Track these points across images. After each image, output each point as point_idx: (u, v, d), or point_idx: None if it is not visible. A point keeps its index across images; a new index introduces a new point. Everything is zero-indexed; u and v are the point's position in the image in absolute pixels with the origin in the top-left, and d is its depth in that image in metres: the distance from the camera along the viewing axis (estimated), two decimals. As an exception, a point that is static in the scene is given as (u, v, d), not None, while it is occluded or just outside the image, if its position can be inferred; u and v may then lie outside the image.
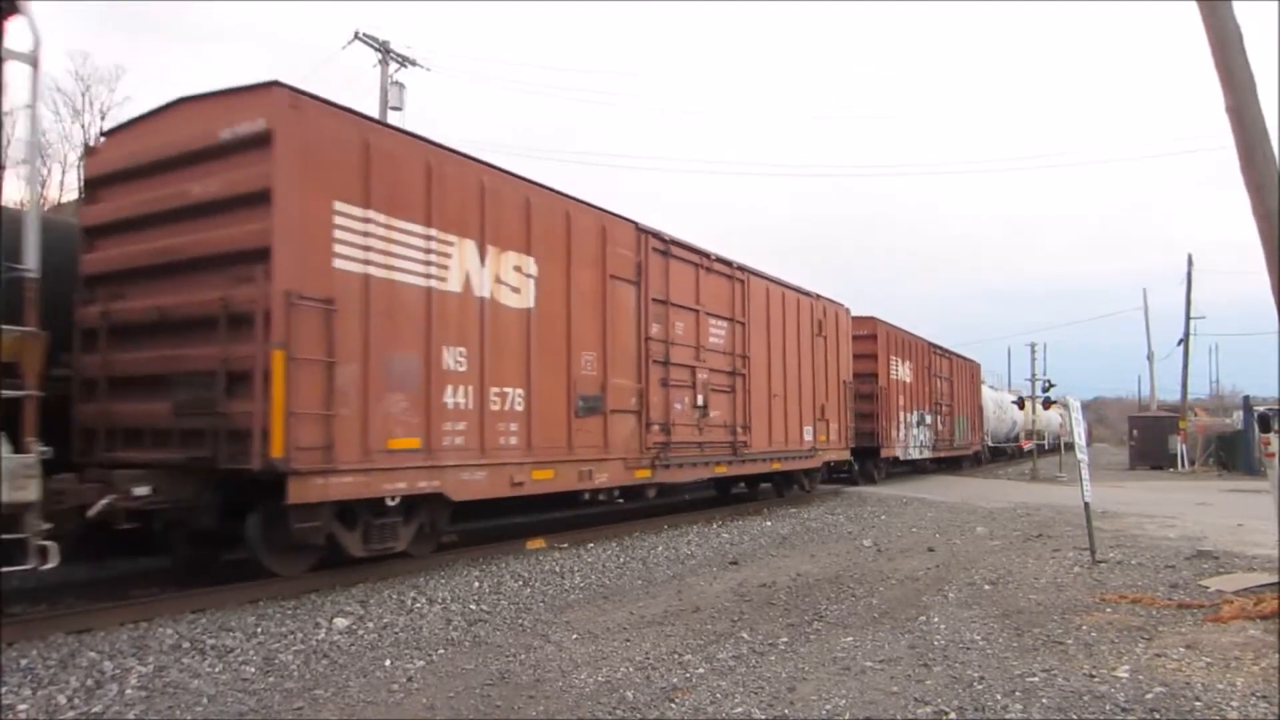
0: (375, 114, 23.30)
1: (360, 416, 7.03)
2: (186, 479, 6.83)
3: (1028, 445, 36.90)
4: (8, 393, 5.10)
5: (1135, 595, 7.06)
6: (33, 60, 5.49)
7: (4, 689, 4.65)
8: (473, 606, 6.96)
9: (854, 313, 18.36)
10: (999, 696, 4.57)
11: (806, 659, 5.37)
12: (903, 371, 21.58)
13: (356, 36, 23.00)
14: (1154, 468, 32.70)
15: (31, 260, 5.36)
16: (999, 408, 35.01)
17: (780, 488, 16.53)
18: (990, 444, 34.21)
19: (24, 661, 5.07)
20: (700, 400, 11.96)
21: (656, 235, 11.18)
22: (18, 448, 5.10)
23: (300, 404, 6.52)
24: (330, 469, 6.74)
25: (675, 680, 4.96)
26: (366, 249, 7.20)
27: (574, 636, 6.06)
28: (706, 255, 12.32)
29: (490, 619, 6.63)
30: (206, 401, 6.70)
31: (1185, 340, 37.81)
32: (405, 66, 23.77)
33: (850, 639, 5.85)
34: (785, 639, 5.89)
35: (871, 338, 19.79)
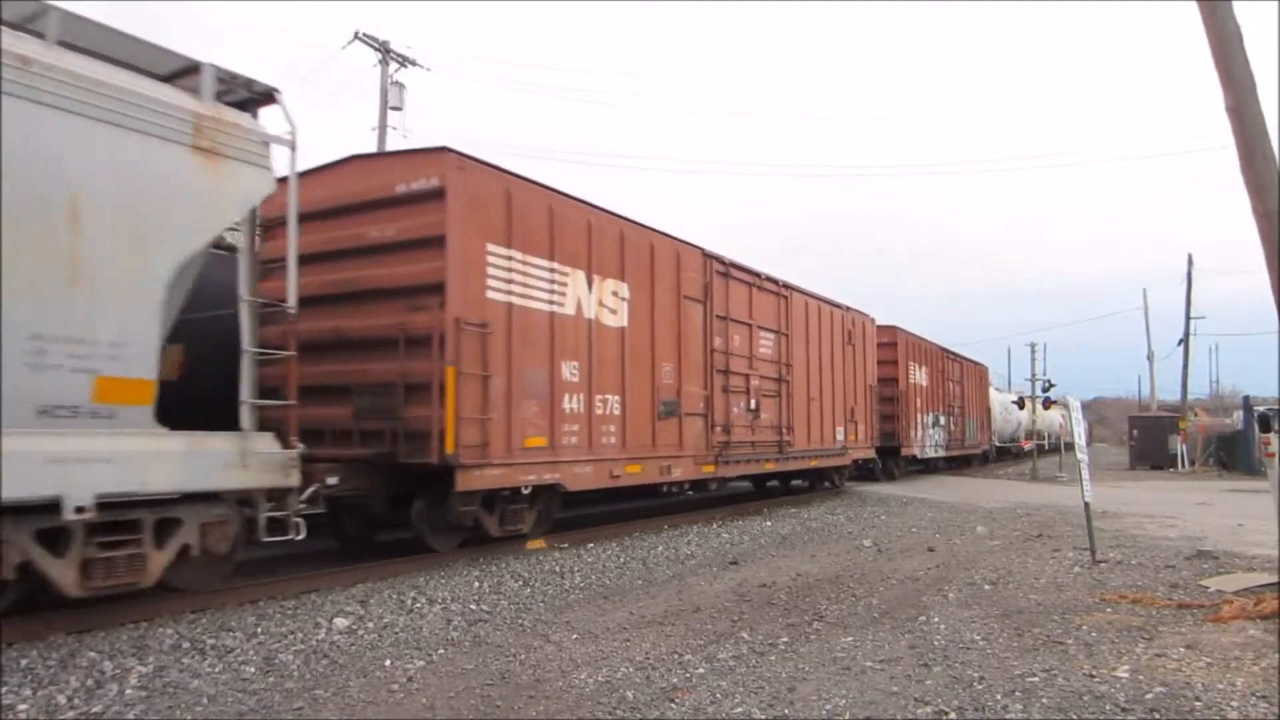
0: (375, 114, 23.38)
1: (505, 420, 8.67)
2: (362, 471, 8.18)
3: (1028, 445, 36.95)
4: (276, 402, 6.74)
5: (1135, 595, 7.05)
6: (291, 144, 6.86)
7: (4, 689, 4.65)
8: (473, 606, 6.96)
9: (876, 321, 19.66)
10: (999, 696, 4.57)
11: (806, 659, 5.37)
12: (919, 376, 23.33)
13: (356, 36, 23.01)
14: (1154, 468, 32.70)
15: (291, 299, 6.87)
16: (1004, 409, 35.64)
17: (814, 483, 17.97)
18: (997, 443, 35.55)
19: (24, 661, 5.07)
20: (753, 404, 13.53)
21: (719, 260, 12.81)
22: (284, 445, 6.66)
23: (465, 410, 8.12)
24: (485, 463, 8.38)
25: (675, 680, 4.96)
26: (509, 281, 8.81)
27: (574, 636, 6.06)
28: (758, 275, 13.94)
29: (490, 619, 6.63)
30: (387, 407, 8.27)
31: (1185, 340, 37.84)
32: (405, 66, 23.80)
33: (850, 639, 5.85)
34: (785, 639, 5.89)
35: (892, 345, 21.55)
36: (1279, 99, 7.88)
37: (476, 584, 7.73)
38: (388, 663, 5.40)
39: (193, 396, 6.58)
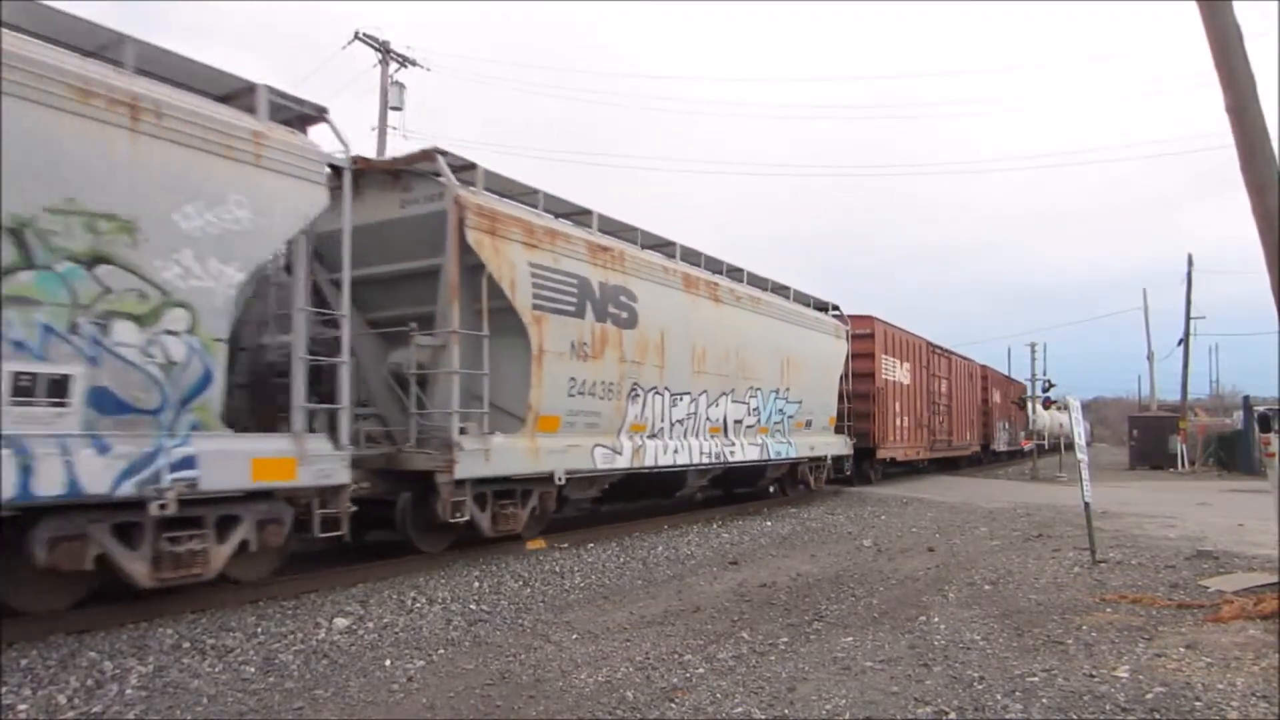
0: (375, 114, 23.37)
1: (885, 428, 20.23)
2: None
3: (1028, 445, 36.90)
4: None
5: (1135, 595, 7.05)
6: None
7: (4, 689, 4.65)
8: (473, 606, 6.96)
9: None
10: (999, 696, 4.57)
11: (806, 659, 5.37)
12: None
13: (356, 36, 22.99)
14: (1154, 468, 32.69)
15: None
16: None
17: (952, 467, 29.07)
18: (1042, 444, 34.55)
19: (24, 661, 5.07)
20: (943, 421, 26.06)
21: (933, 346, 25.08)
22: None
23: (879, 425, 20.42)
24: (879, 446, 20.38)
25: (675, 680, 4.96)
26: (891, 370, 20.83)
27: (574, 636, 6.06)
28: (947, 350, 27.20)
29: (490, 619, 6.63)
30: (865, 430, 20.42)
31: (1185, 340, 37.78)
32: (405, 66, 23.77)
33: (850, 639, 5.85)
34: (785, 639, 5.88)
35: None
36: (1279, 99, 7.88)
37: (476, 584, 7.73)
38: (388, 663, 5.41)
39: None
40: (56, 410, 5.47)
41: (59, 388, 5.49)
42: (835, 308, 18.05)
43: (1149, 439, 34.48)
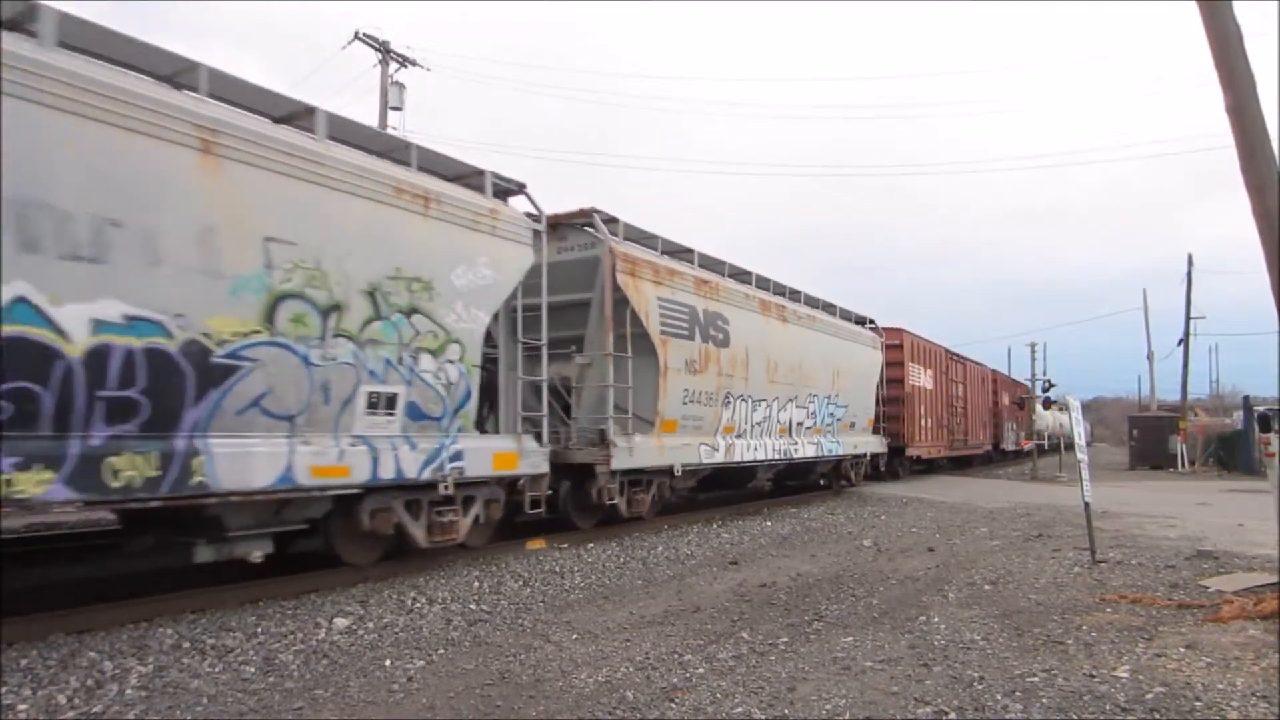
0: (375, 114, 23.37)
1: (913, 428, 22.40)
2: None
3: (1028, 445, 36.89)
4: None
5: (1135, 595, 7.05)
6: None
7: (4, 689, 4.65)
8: (473, 606, 6.96)
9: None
10: (999, 696, 4.56)
11: (806, 659, 5.37)
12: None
13: (356, 36, 22.99)
14: (1154, 468, 32.68)
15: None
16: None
17: (962, 468, 30.48)
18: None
19: (24, 661, 5.07)
20: (960, 421, 27.62)
21: (950, 353, 27.03)
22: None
23: (908, 424, 22.49)
24: (908, 445, 22.21)
25: (675, 680, 4.96)
26: (917, 376, 22.86)
27: (574, 636, 6.06)
28: (963, 357, 28.85)
29: (490, 619, 6.63)
30: (895, 430, 21.84)
31: (1185, 340, 37.73)
32: (405, 66, 23.78)
33: (850, 639, 5.84)
34: (785, 639, 5.88)
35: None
36: (1279, 99, 7.88)
37: (476, 584, 7.73)
38: (388, 663, 5.40)
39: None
40: (388, 419, 7.52)
41: (390, 403, 7.55)
42: (871, 321, 19.82)
43: (1149, 439, 34.47)
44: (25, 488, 5.13)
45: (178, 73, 6.58)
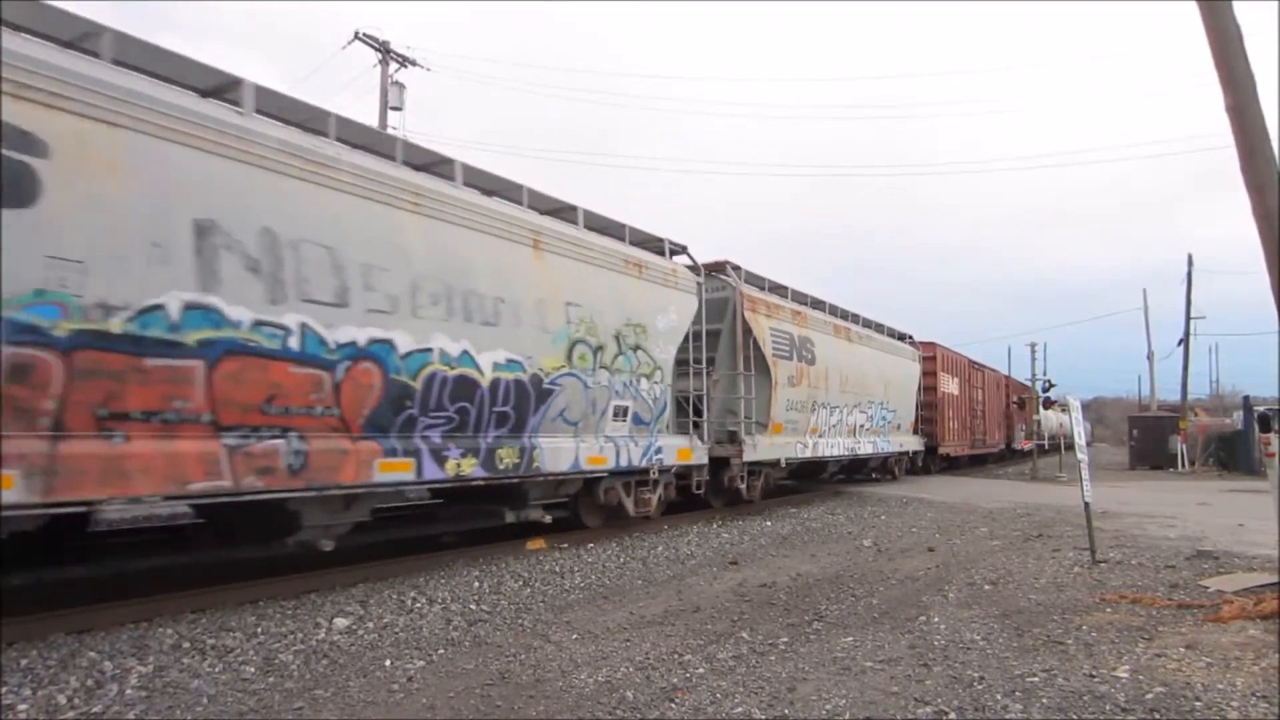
0: (376, 114, 23.37)
1: (944, 428, 25.49)
2: None
3: (1028, 445, 36.93)
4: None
5: (1135, 595, 7.04)
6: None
7: (4, 689, 4.65)
8: (473, 606, 6.96)
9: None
10: (999, 696, 4.56)
11: (806, 659, 5.37)
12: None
13: (356, 36, 22.99)
14: (1154, 468, 32.64)
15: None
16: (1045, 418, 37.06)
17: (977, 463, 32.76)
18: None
19: (24, 661, 5.07)
20: (979, 422, 29.87)
21: (972, 363, 29.65)
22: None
23: (942, 425, 25.55)
24: (941, 443, 24.89)
25: (675, 680, 4.96)
26: (947, 384, 25.33)
27: (574, 636, 6.06)
28: (981, 365, 30.74)
29: (490, 619, 6.64)
30: (929, 432, 24.85)
31: (1185, 340, 37.71)
32: (405, 66, 23.77)
33: (850, 639, 5.84)
34: (785, 639, 5.88)
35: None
36: (1279, 99, 7.88)
37: (476, 584, 7.73)
38: (388, 663, 5.41)
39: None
40: (623, 424, 10.63)
41: (624, 413, 10.63)
42: (909, 337, 23.63)
43: (1149, 439, 34.44)
44: (466, 470, 8.16)
45: (430, 163, 8.79)
